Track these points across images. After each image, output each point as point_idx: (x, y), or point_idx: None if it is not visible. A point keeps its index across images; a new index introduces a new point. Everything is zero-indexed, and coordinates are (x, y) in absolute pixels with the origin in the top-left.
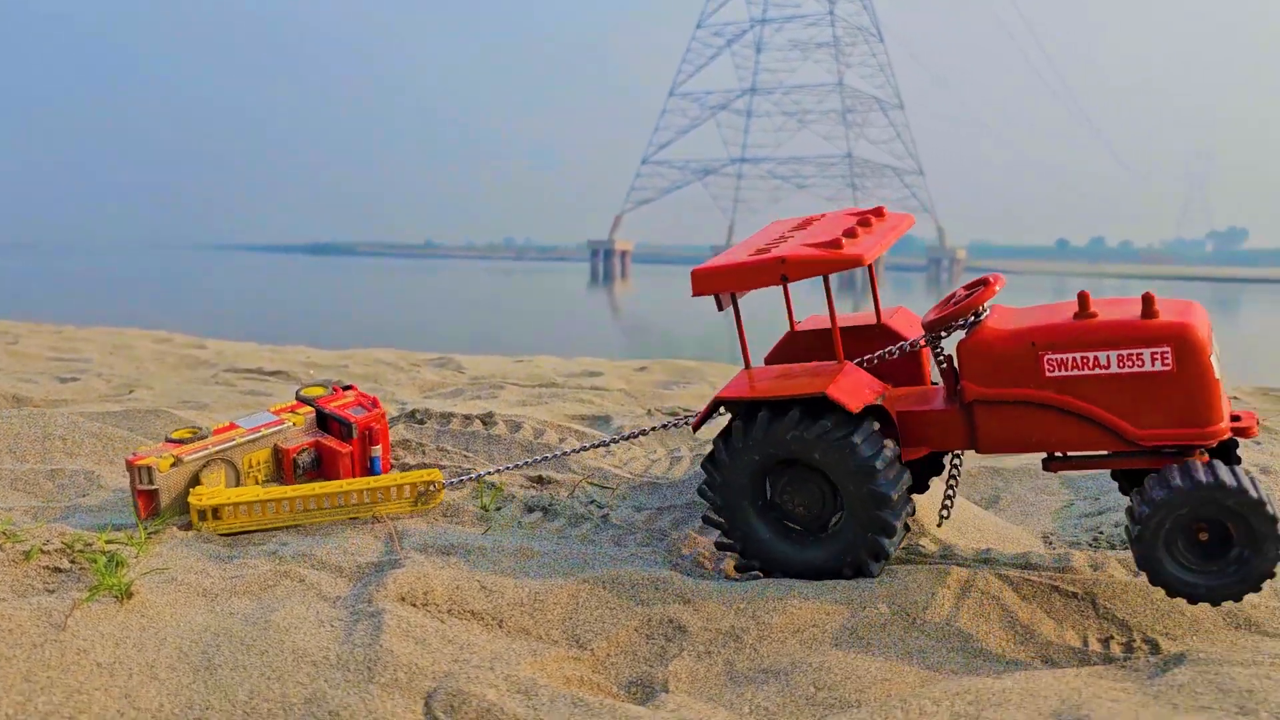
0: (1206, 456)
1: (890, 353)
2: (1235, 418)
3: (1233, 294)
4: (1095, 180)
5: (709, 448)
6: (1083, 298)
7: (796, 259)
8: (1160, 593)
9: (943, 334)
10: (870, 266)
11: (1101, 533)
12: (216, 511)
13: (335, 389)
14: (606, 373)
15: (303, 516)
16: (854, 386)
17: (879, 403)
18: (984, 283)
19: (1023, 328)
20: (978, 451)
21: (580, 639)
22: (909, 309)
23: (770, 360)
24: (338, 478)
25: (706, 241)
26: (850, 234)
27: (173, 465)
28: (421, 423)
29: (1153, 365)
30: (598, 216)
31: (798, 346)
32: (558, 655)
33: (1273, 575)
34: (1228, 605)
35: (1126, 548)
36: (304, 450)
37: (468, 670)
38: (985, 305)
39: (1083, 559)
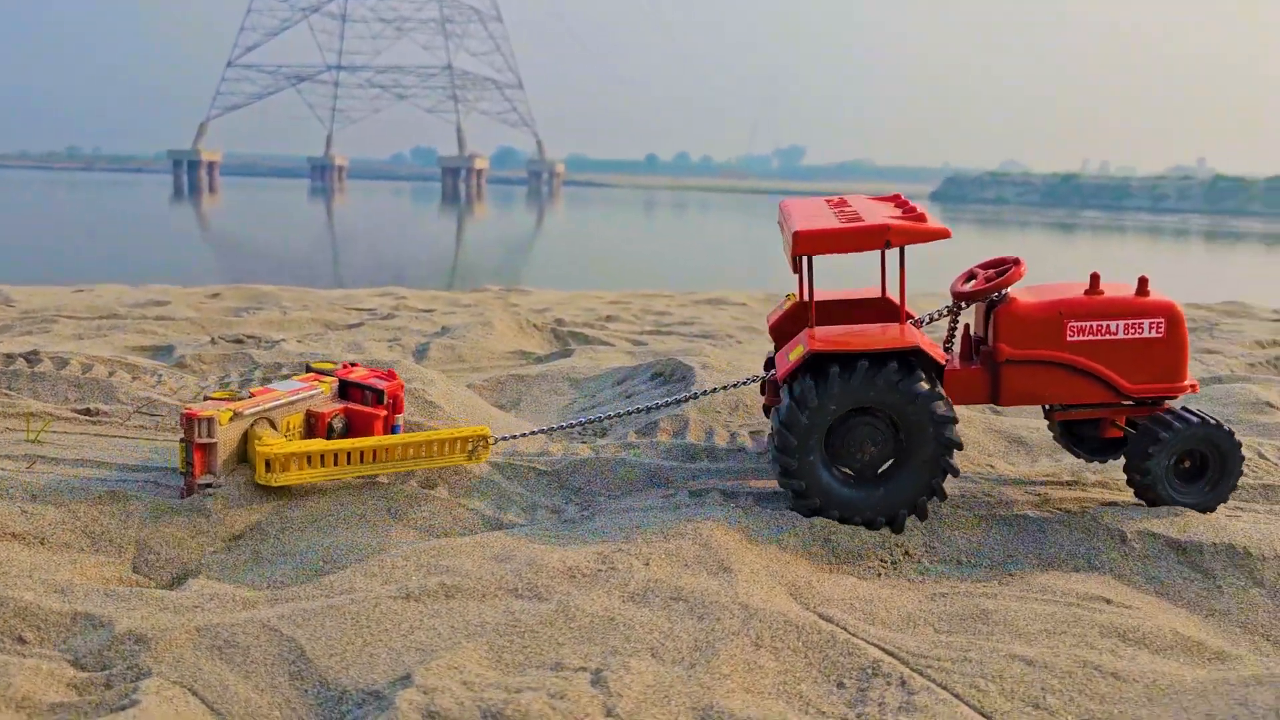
0: (1168, 405)
1: (936, 315)
2: None
3: None
4: (681, 99)
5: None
6: (1094, 278)
7: (899, 228)
8: (609, 470)
9: (964, 305)
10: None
11: (592, 421)
12: (284, 463)
13: (344, 364)
14: (175, 300)
15: (366, 469)
16: (931, 344)
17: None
18: (1014, 262)
19: (1052, 300)
20: (998, 404)
21: (122, 547)
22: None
23: (776, 326)
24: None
25: (303, 152)
26: (920, 213)
27: (231, 419)
28: None
29: (1151, 333)
30: (180, 123)
31: (803, 315)
32: (98, 561)
33: (1235, 489)
34: (651, 468)
35: (603, 435)
36: (337, 415)
37: (7, 580)
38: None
39: (558, 448)
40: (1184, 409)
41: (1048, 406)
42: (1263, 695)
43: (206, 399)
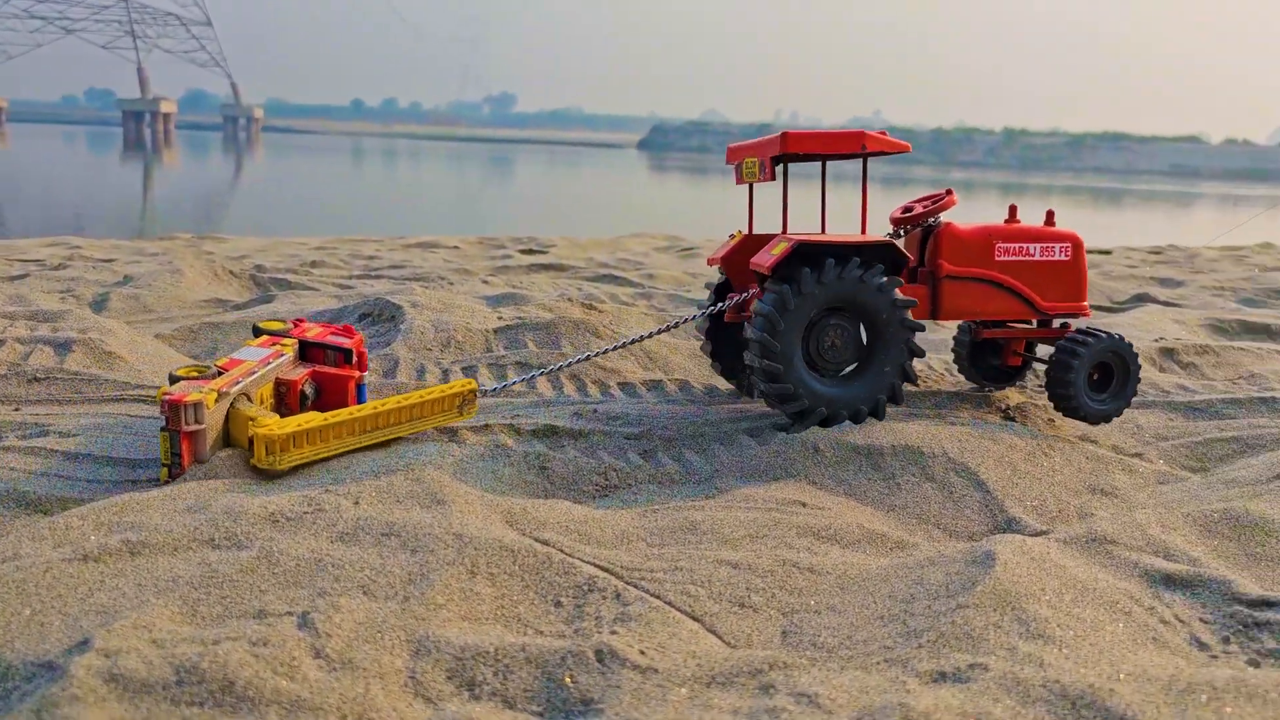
0: (1071, 327)
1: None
2: None
3: (505, 152)
4: (387, 42)
5: None
6: (1012, 209)
7: (873, 136)
8: None
9: (903, 231)
10: (824, 173)
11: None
12: (285, 444)
13: (294, 322)
14: None
15: (366, 438)
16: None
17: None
18: (947, 192)
19: (982, 226)
20: (937, 319)
21: None
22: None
23: (727, 258)
24: (345, 403)
25: None
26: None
27: (217, 401)
28: None
29: (1060, 256)
30: None
31: (752, 247)
32: None
33: (1135, 395)
34: None
35: None
36: (307, 381)
37: None
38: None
39: None
40: (1088, 329)
41: (959, 345)
42: (935, 574)
43: (174, 379)
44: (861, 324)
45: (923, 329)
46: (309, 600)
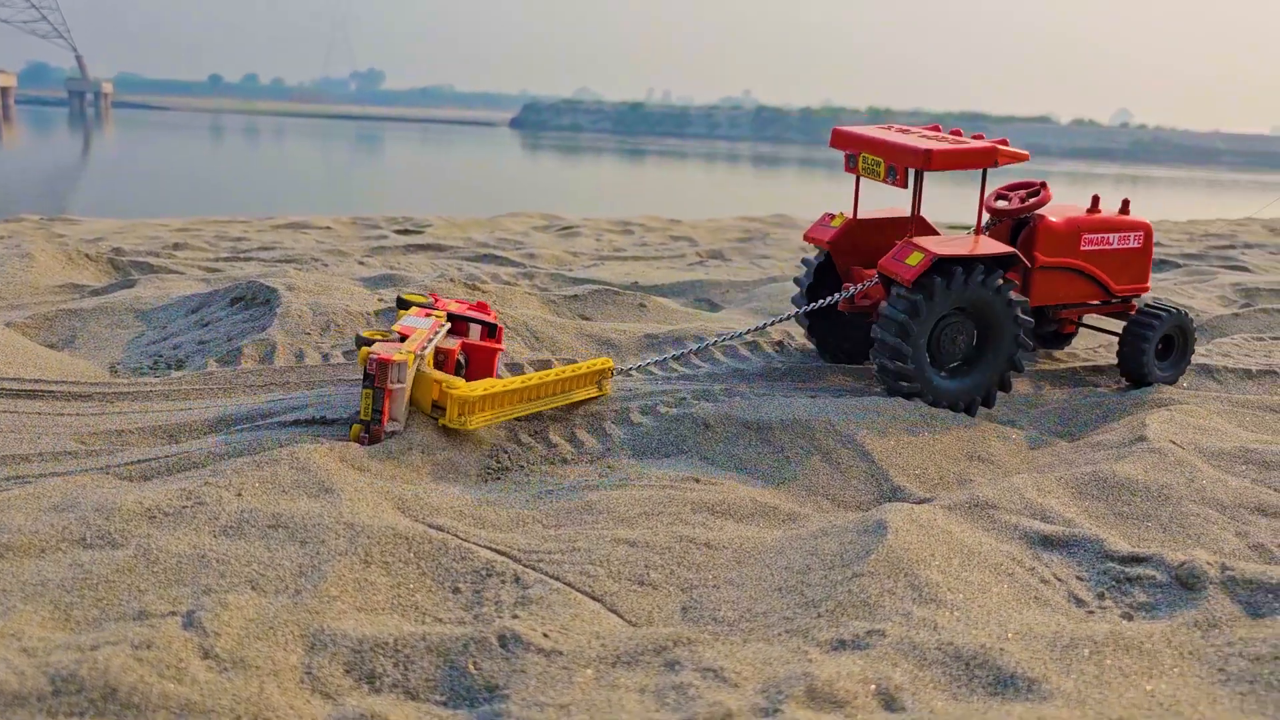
0: (1135, 306)
1: (990, 224)
2: None
3: (374, 130)
4: (246, 16)
5: None
6: (1095, 199)
7: (1006, 151)
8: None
9: (998, 221)
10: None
11: (160, 356)
12: (474, 406)
13: (433, 295)
14: None
15: (529, 406)
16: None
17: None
18: (1042, 185)
19: (1070, 217)
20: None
21: None
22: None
23: (836, 241)
24: (491, 375)
25: None
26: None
27: (413, 362)
28: None
29: (1134, 244)
30: None
31: (857, 230)
32: None
33: (1189, 363)
34: (244, 404)
35: (180, 367)
36: (461, 351)
37: None
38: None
39: (126, 383)
40: (1155, 303)
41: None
42: (828, 544)
43: (361, 340)
44: (979, 323)
45: (1033, 324)
46: (194, 598)
